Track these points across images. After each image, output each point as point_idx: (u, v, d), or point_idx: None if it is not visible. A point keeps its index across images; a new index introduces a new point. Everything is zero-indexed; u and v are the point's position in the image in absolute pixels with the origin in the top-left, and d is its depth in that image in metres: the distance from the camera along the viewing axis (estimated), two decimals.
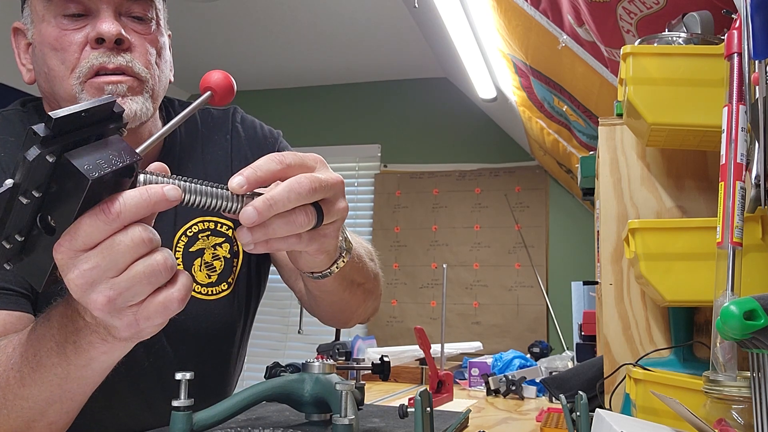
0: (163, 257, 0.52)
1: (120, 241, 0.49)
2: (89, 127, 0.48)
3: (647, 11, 1.09)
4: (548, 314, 3.32)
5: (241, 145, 1.03)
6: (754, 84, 0.62)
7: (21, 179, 0.46)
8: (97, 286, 0.50)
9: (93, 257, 0.49)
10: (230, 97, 0.68)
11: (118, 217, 0.49)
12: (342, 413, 0.64)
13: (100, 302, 0.50)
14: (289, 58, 3.62)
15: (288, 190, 0.57)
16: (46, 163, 0.45)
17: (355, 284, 0.89)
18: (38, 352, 0.61)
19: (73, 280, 0.50)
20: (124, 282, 0.50)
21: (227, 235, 0.98)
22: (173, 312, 0.53)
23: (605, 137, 1.00)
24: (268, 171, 0.58)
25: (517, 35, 1.83)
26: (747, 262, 0.65)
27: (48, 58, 0.83)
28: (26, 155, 0.45)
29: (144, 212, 0.50)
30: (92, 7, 0.82)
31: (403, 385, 1.69)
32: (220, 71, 0.68)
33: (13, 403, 0.63)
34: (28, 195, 0.46)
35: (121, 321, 0.53)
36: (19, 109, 0.92)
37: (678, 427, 0.63)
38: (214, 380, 1.00)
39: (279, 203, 0.56)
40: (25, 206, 0.47)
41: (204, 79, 0.67)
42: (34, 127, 0.44)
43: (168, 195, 0.51)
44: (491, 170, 3.57)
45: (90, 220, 0.48)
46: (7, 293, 0.77)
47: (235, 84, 0.69)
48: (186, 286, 0.54)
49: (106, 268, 0.50)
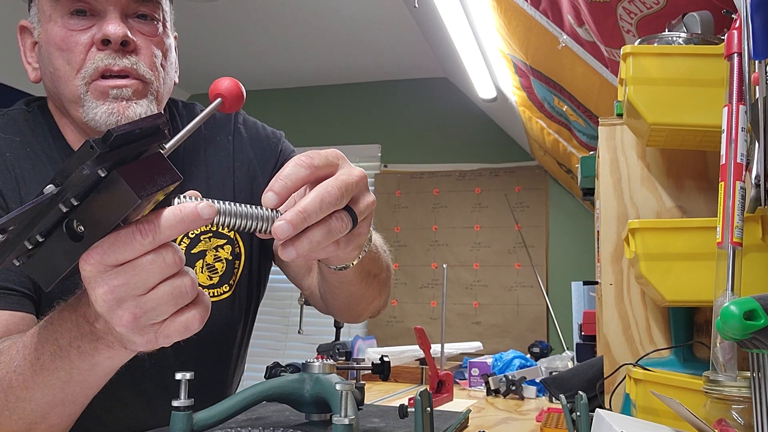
0: (190, 280, 0.52)
1: (152, 261, 0.50)
2: (137, 142, 0.48)
3: (647, 11, 1.09)
4: (548, 314, 3.32)
5: (244, 146, 1.03)
6: (754, 84, 0.62)
7: (67, 188, 0.47)
8: (123, 303, 0.50)
9: (123, 274, 0.49)
10: (240, 104, 0.68)
11: (154, 238, 0.49)
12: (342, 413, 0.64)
13: (126, 319, 0.51)
14: (289, 58, 3.62)
15: (320, 201, 0.56)
16: (98, 176, 0.46)
17: (371, 275, 0.88)
18: (41, 355, 0.61)
19: (101, 294, 0.50)
20: (151, 301, 0.51)
21: (229, 236, 0.98)
22: (193, 332, 0.54)
23: (605, 137, 1.00)
24: (298, 179, 0.57)
25: (517, 35, 1.83)
26: (747, 262, 0.65)
27: (53, 58, 0.83)
28: (82, 168, 0.45)
29: (179, 232, 0.50)
30: (99, 8, 0.82)
31: (403, 385, 1.69)
32: (229, 78, 0.67)
33: (15, 405, 0.63)
34: (67, 203, 0.47)
35: (141, 338, 0.53)
36: (24, 109, 0.92)
37: (678, 427, 0.63)
38: (214, 382, 1.00)
39: (312, 215, 0.56)
40: (60, 213, 0.47)
41: (214, 86, 0.67)
42: (92, 141, 0.45)
43: (202, 213, 0.50)
44: (491, 170, 3.57)
45: (126, 238, 0.48)
46: (10, 293, 0.77)
47: (244, 91, 0.69)
48: (207, 307, 0.54)
49: (134, 286, 0.50)
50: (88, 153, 0.45)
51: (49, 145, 0.89)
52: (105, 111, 0.82)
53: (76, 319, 0.58)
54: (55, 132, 0.90)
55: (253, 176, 1.02)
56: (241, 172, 1.01)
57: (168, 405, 0.66)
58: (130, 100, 0.83)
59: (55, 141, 0.90)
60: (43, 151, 0.88)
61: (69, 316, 0.59)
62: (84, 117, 0.83)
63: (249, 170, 1.02)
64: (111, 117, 0.82)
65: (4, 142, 0.86)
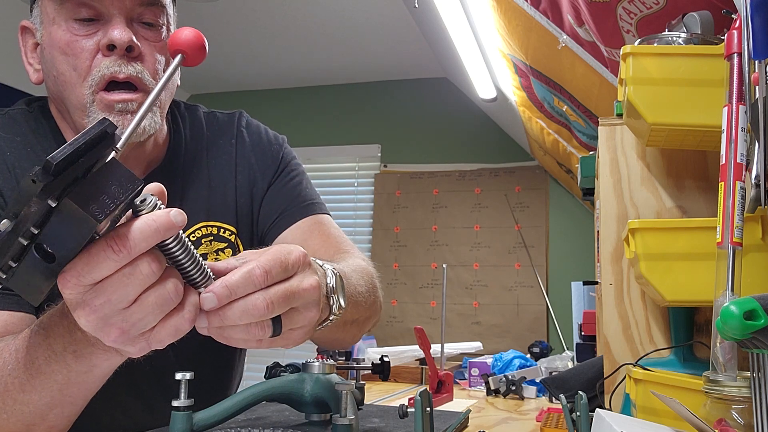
0: (174, 285, 0.51)
1: (129, 274, 0.48)
2: (86, 155, 0.46)
3: (647, 11, 1.09)
4: (548, 314, 3.32)
5: (246, 150, 1.03)
6: (754, 84, 0.62)
7: (21, 222, 0.44)
8: (109, 320, 0.49)
9: (104, 292, 0.48)
10: (203, 56, 0.60)
11: (129, 252, 0.47)
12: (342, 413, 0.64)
13: (114, 335, 0.50)
14: (289, 58, 3.62)
15: (243, 309, 0.54)
16: (49, 207, 0.44)
17: (348, 323, 0.85)
18: (36, 360, 0.60)
19: (84, 316, 0.49)
20: (137, 313, 0.50)
21: (230, 240, 0.98)
22: (184, 333, 0.53)
23: (605, 137, 1.00)
24: (244, 293, 0.55)
25: (517, 35, 1.83)
26: (747, 262, 0.65)
27: (58, 62, 0.83)
28: (29, 205, 0.44)
29: (153, 242, 0.48)
30: (104, 12, 0.82)
31: (403, 385, 1.69)
32: (188, 28, 0.60)
33: (12, 408, 0.63)
34: (27, 234, 0.45)
35: (134, 347, 0.52)
36: (24, 109, 0.92)
37: (678, 427, 0.63)
38: (214, 384, 1.00)
39: (235, 317, 0.54)
40: (24, 244, 0.45)
41: (171, 39, 0.59)
42: (32, 175, 0.43)
43: (176, 221, 0.49)
44: (491, 170, 3.57)
45: (99, 256, 0.47)
46: (9, 293, 0.76)
47: (206, 42, 0.61)
48: (195, 306, 0.53)
49: (117, 302, 0.49)
50: (33, 187, 0.43)
51: (50, 145, 0.89)
52: None
53: (68, 324, 0.57)
54: (56, 132, 0.90)
55: (253, 182, 1.01)
56: (242, 177, 1.01)
57: (168, 406, 0.66)
58: (134, 113, 0.83)
59: (56, 141, 0.89)
60: (44, 151, 0.88)
61: (60, 321, 0.58)
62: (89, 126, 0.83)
63: (250, 175, 1.02)
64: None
65: (5, 142, 0.86)
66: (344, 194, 3.80)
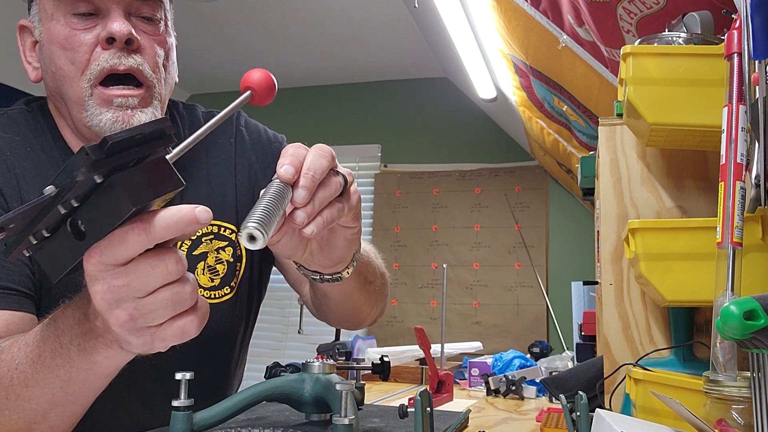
0: (191, 288, 0.53)
1: (155, 266, 0.50)
2: (140, 146, 0.48)
3: (647, 11, 1.09)
4: (548, 314, 3.32)
5: (246, 150, 1.03)
6: (754, 84, 0.62)
7: (64, 191, 0.47)
8: (122, 303, 0.51)
9: (125, 275, 0.50)
10: (271, 98, 0.65)
11: (147, 237, 0.49)
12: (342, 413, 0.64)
13: (122, 319, 0.51)
14: (289, 58, 3.62)
15: (320, 159, 0.61)
16: (94, 182, 0.47)
17: (368, 281, 0.89)
18: (42, 352, 0.61)
19: (99, 292, 0.51)
20: (150, 305, 0.51)
21: (230, 239, 0.98)
22: (189, 338, 0.54)
23: (605, 137, 1.00)
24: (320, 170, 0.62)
25: (517, 35, 1.83)
26: (747, 262, 0.65)
27: (56, 57, 0.83)
28: (76, 174, 0.46)
29: (175, 233, 0.50)
30: (102, 7, 0.82)
31: (403, 385, 1.69)
32: (261, 70, 0.64)
33: (15, 404, 0.63)
34: (67, 205, 0.47)
35: (137, 339, 0.53)
36: (24, 109, 0.92)
37: (678, 427, 0.63)
38: (215, 384, 1.00)
39: (318, 171, 0.60)
40: (60, 214, 0.48)
41: (245, 78, 0.64)
42: (87, 147, 0.45)
43: (200, 217, 0.51)
44: (491, 170, 3.57)
45: (123, 236, 0.49)
46: (11, 293, 0.77)
47: (276, 84, 0.65)
48: (205, 314, 0.55)
49: (135, 289, 0.50)
50: (83, 160, 0.46)
51: (50, 145, 0.89)
52: (110, 119, 0.82)
53: (79, 316, 0.58)
54: (55, 132, 0.90)
55: (255, 180, 1.01)
56: (242, 176, 1.01)
57: (168, 406, 0.66)
58: (135, 108, 0.83)
59: (56, 141, 0.89)
60: (44, 151, 0.88)
61: (72, 314, 0.59)
62: (88, 121, 0.83)
63: (251, 174, 1.02)
64: (116, 125, 0.82)
65: (5, 142, 0.86)
66: None
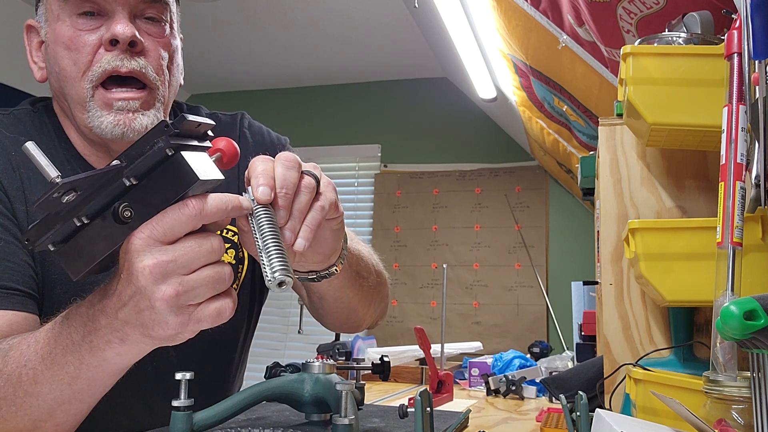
0: (229, 269, 0.57)
1: (200, 244, 0.54)
2: (194, 138, 0.54)
3: (647, 11, 1.09)
4: (548, 314, 3.32)
5: (249, 151, 1.03)
6: (754, 84, 0.62)
7: (131, 162, 0.51)
8: (168, 279, 0.53)
9: (172, 252, 0.53)
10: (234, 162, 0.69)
11: (200, 214, 0.54)
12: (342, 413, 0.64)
13: (168, 294, 0.53)
14: (289, 58, 3.62)
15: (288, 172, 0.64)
16: (165, 154, 0.51)
17: (360, 276, 0.89)
18: (54, 349, 0.62)
19: (148, 266, 0.53)
20: (194, 282, 0.54)
21: (233, 241, 0.98)
22: (223, 320, 0.57)
23: (605, 137, 1.00)
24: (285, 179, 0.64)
25: (517, 35, 1.83)
26: (747, 262, 0.65)
27: (60, 57, 0.83)
28: (156, 141, 0.50)
29: (221, 215, 0.55)
30: (107, 8, 0.82)
31: (403, 385, 1.69)
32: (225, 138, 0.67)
33: (23, 401, 0.63)
34: (130, 179, 0.51)
35: (176, 318, 0.55)
36: (29, 109, 0.92)
37: (678, 427, 0.63)
38: (216, 386, 1.00)
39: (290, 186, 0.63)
40: (118, 189, 0.51)
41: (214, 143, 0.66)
42: (165, 122, 0.51)
43: (243, 204, 0.58)
44: (491, 170, 3.57)
45: (174, 213, 0.53)
46: (14, 293, 0.76)
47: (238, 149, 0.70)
48: (235, 300, 0.59)
49: (182, 265, 0.54)
50: (163, 130, 0.50)
51: (54, 145, 0.89)
52: (111, 122, 0.82)
53: (93, 313, 0.59)
54: (60, 133, 0.90)
55: None
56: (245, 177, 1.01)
57: (168, 405, 0.66)
58: (136, 111, 0.83)
59: (61, 141, 0.89)
60: (48, 151, 0.88)
61: (86, 312, 0.60)
62: (89, 123, 0.83)
63: None
64: (117, 128, 0.82)
65: (10, 142, 0.86)
66: (344, 194, 3.79)
